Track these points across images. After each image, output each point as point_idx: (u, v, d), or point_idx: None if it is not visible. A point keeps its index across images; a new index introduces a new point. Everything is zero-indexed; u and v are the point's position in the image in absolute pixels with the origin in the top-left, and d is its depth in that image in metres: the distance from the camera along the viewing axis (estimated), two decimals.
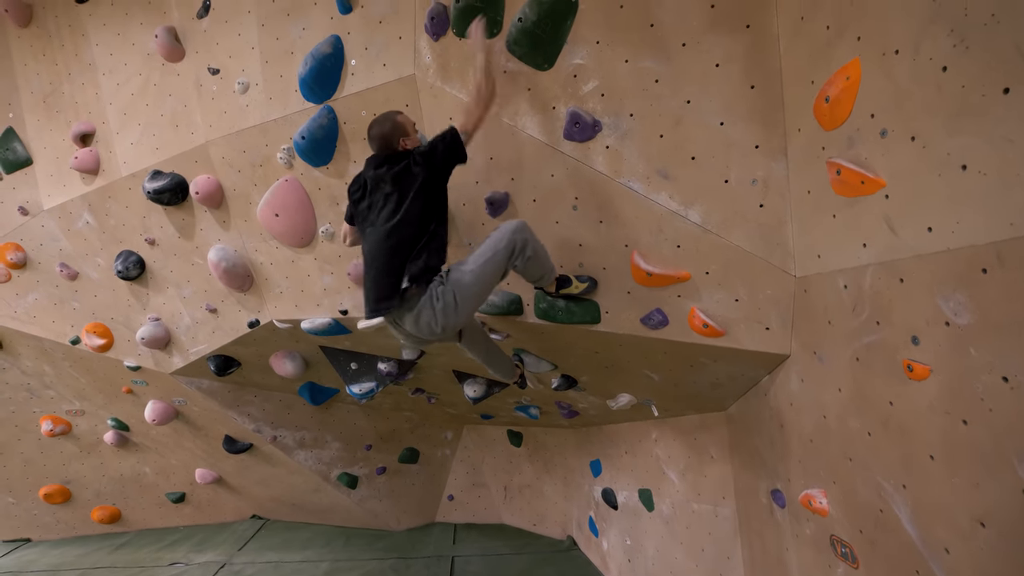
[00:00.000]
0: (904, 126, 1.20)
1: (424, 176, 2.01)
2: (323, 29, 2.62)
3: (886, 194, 1.28)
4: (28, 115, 3.51)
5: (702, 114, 1.89)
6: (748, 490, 2.37)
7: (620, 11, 1.98)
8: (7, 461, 4.30)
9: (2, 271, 3.67)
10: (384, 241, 2.00)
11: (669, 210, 1.98)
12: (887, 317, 1.32)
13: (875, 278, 1.35)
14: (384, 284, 1.98)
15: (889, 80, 1.23)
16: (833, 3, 1.42)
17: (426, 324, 1.98)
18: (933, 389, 1.19)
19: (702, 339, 2.04)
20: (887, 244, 1.29)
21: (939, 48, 1.07)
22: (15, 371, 4.04)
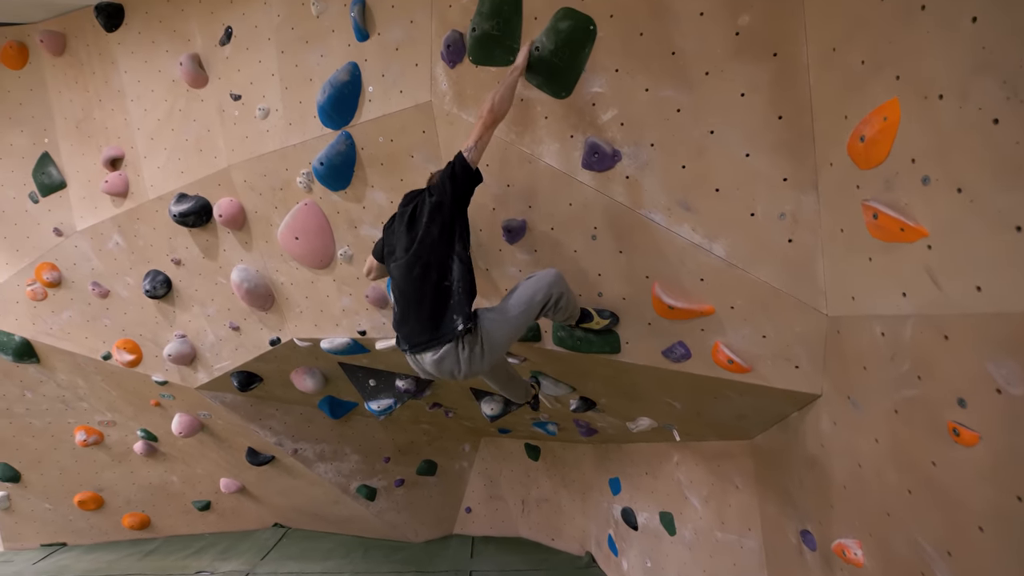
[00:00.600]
0: (949, 176, 1.13)
1: (437, 199, 1.96)
2: (340, 56, 2.64)
3: (928, 244, 1.21)
4: (62, 141, 3.63)
5: (726, 145, 1.83)
6: (776, 525, 2.29)
7: (640, 39, 1.93)
8: (44, 469, 4.48)
9: (39, 290, 3.81)
10: (409, 272, 1.95)
11: (692, 243, 1.92)
12: (930, 373, 1.24)
13: (916, 331, 1.27)
14: (418, 321, 1.93)
15: (932, 125, 1.16)
16: (868, 38, 1.34)
17: (448, 370, 1.94)
18: (983, 457, 1.11)
19: (727, 374, 1.98)
20: (930, 297, 1.22)
21: (989, 98, 1.00)
22: (51, 384, 4.20)
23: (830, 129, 1.58)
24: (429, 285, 1.90)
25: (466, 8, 2.26)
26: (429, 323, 1.90)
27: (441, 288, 1.89)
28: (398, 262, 2.01)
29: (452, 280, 1.90)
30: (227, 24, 3.00)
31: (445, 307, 1.89)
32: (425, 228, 1.93)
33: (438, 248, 1.91)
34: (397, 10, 2.45)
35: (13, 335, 3.96)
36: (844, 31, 1.45)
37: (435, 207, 1.94)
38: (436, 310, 1.89)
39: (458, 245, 1.95)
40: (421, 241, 1.92)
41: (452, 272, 1.91)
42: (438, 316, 1.89)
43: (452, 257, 1.92)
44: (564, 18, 2.03)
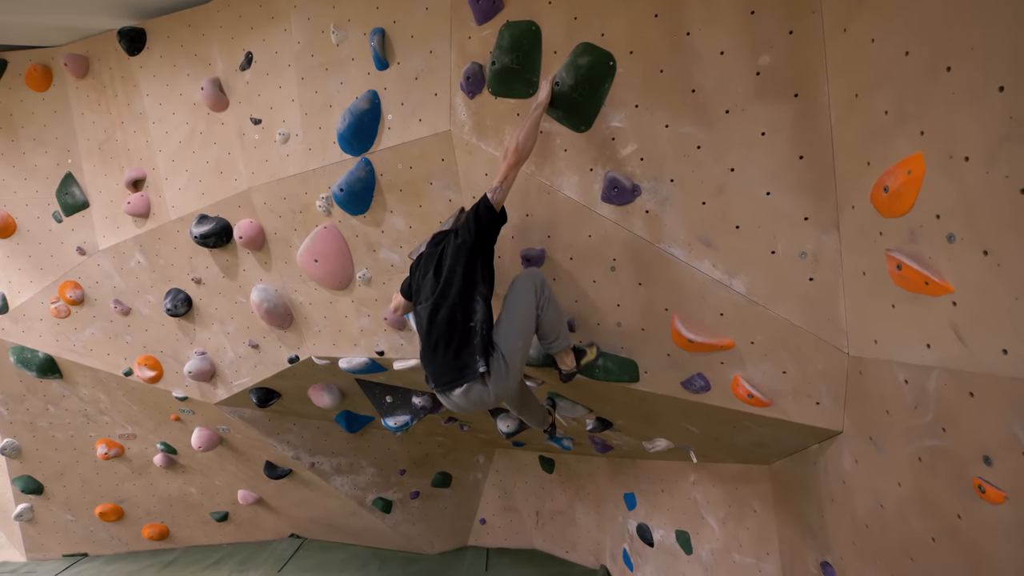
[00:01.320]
0: (975, 237, 1.14)
1: (462, 240, 2.01)
2: (360, 84, 2.68)
3: (953, 300, 1.22)
4: (85, 161, 3.70)
5: (747, 183, 1.85)
6: (795, 553, 2.31)
7: (660, 76, 1.95)
8: (67, 482, 4.57)
9: (62, 307, 3.90)
10: (434, 314, 1.99)
11: (712, 278, 1.94)
12: (955, 427, 1.26)
13: (940, 383, 1.29)
14: (443, 361, 1.97)
15: (957, 185, 1.17)
16: (893, 90, 1.36)
17: (477, 399, 1.98)
18: (1010, 517, 1.13)
19: (747, 407, 2.00)
20: (954, 352, 1.23)
21: (1017, 168, 1.01)
22: (73, 398, 4.29)
23: (852, 172, 1.60)
24: (454, 328, 1.94)
25: (485, 40, 2.30)
26: (454, 363, 1.94)
27: (465, 330, 1.94)
28: (424, 304, 2.05)
29: (476, 321, 1.94)
30: (247, 50, 3.06)
31: (469, 348, 1.93)
32: (449, 270, 1.97)
33: (463, 291, 1.95)
34: (416, 40, 2.49)
35: (37, 351, 4.05)
36: (867, 79, 1.47)
37: (459, 248, 1.99)
38: (460, 351, 1.93)
39: (482, 286, 1.99)
40: (447, 283, 1.96)
41: (476, 314, 1.95)
42: (462, 357, 1.93)
43: (475, 298, 1.96)
44: (584, 53, 2.06)
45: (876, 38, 1.40)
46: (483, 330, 1.94)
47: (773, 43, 1.74)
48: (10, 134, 3.76)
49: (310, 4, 2.78)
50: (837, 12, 1.57)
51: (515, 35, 2.19)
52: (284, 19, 2.89)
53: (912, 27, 1.27)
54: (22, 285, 3.95)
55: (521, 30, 2.18)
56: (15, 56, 3.66)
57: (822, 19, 1.64)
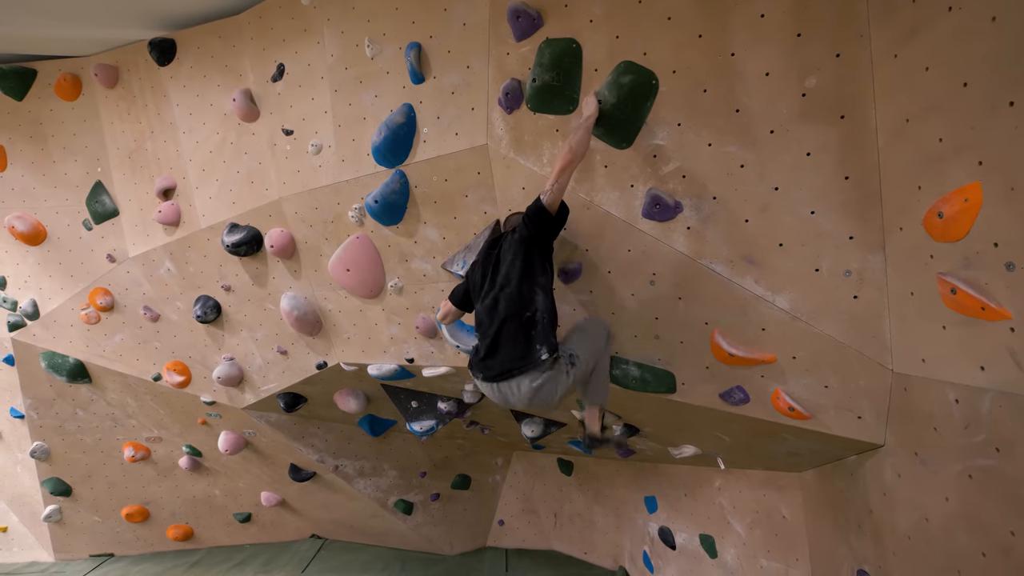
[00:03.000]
0: None
1: (518, 236, 2.03)
2: (395, 97, 2.71)
3: (1012, 327, 1.26)
4: (115, 170, 3.75)
5: (791, 202, 1.88)
6: (828, 560, 2.36)
7: (703, 95, 1.98)
8: (94, 484, 4.64)
9: (92, 314, 3.95)
10: (494, 307, 2.01)
11: (755, 294, 1.99)
12: (1010, 449, 1.31)
13: (995, 406, 1.33)
14: (505, 352, 1.97)
15: (1018, 216, 1.21)
16: (947, 119, 1.39)
17: (546, 396, 2.00)
18: None
19: (787, 420, 2.04)
20: (1011, 377, 1.28)
21: None
22: (101, 403, 4.35)
23: (901, 195, 1.64)
24: (514, 318, 1.95)
25: (524, 57, 2.33)
26: (515, 352, 1.96)
27: (524, 319, 1.95)
28: (484, 301, 2.07)
29: (536, 310, 1.96)
30: (279, 61, 3.09)
31: (530, 337, 1.95)
32: (508, 264, 2.01)
33: (522, 281, 1.97)
34: (453, 55, 2.52)
35: (67, 357, 4.11)
36: (919, 106, 1.50)
37: (516, 243, 2.03)
38: (522, 341, 1.95)
39: (542, 278, 2.00)
40: (506, 276, 2.00)
41: (535, 303, 1.96)
42: (524, 346, 1.95)
43: (535, 289, 1.97)
44: (626, 72, 2.09)
45: (931, 67, 1.44)
46: (545, 319, 1.96)
47: (820, 65, 1.77)
48: (40, 143, 3.80)
49: (344, 18, 2.81)
50: (887, 38, 1.60)
51: (556, 53, 2.22)
52: (317, 32, 2.92)
53: (971, 60, 1.30)
54: (52, 292, 4.00)
55: (562, 48, 2.21)
56: (44, 66, 3.69)
57: (870, 44, 1.67)
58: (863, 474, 2.01)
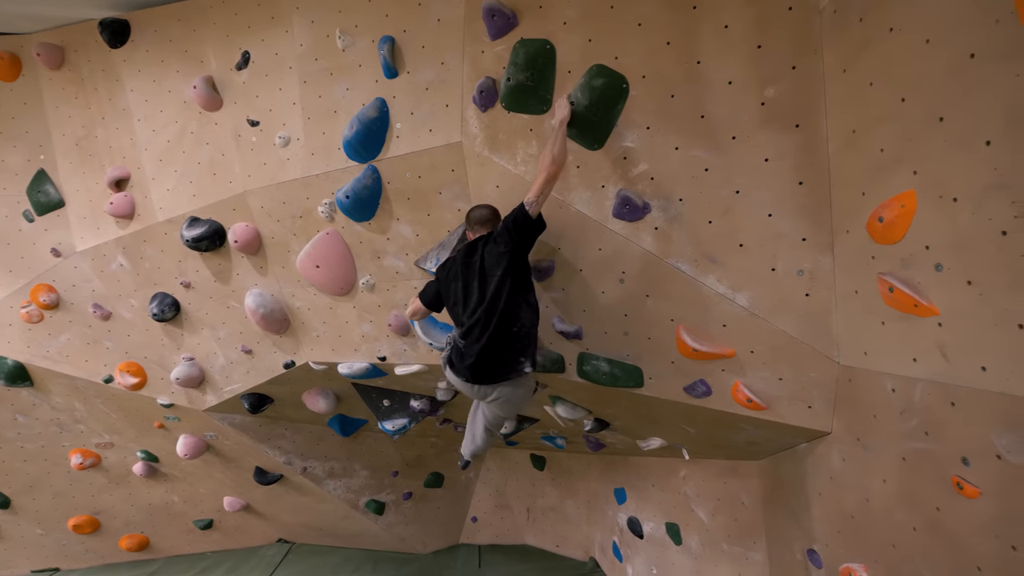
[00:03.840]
0: (961, 269, 1.31)
1: (505, 249, 2.06)
2: (367, 91, 2.68)
3: (939, 322, 1.40)
4: (60, 158, 3.52)
5: (751, 205, 2.00)
6: (782, 542, 2.52)
7: (672, 100, 2.07)
8: (37, 494, 4.36)
9: (34, 312, 3.70)
10: (485, 323, 2.06)
11: (717, 293, 2.09)
12: (938, 432, 1.45)
13: (926, 394, 1.47)
14: (487, 362, 2.09)
15: (946, 221, 1.34)
16: (889, 131, 1.52)
17: (518, 400, 2.18)
18: (983, 510, 1.32)
19: (745, 411, 2.17)
20: (939, 367, 1.42)
21: (1000, 213, 1.18)
22: (45, 407, 4.09)
23: (847, 201, 1.77)
24: (503, 333, 2.04)
25: (499, 56, 2.36)
26: (501, 364, 2.08)
27: (511, 334, 2.05)
28: (472, 314, 2.10)
29: (521, 325, 2.06)
30: (244, 49, 2.99)
31: (514, 350, 2.06)
32: (499, 281, 2.04)
33: (511, 298, 2.04)
34: (428, 51, 2.52)
35: (5, 358, 3.84)
36: (865, 118, 1.63)
37: (501, 256, 2.05)
38: (508, 353, 2.06)
39: (528, 293, 2.09)
40: (496, 293, 2.03)
41: (522, 318, 2.05)
42: (510, 359, 2.07)
43: (522, 305, 2.06)
44: (598, 75, 2.15)
45: (875, 83, 1.56)
46: (530, 334, 2.07)
47: (778, 77, 1.89)
48: None
49: (315, 7, 2.74)
50: (837, 54, 1.73)
51: (530, 53, 2.26)
52: (285, 20, 2.84)
53: (908, 78, 1.43)
54: None
55: (536, 48, 2.25)
56: None
57: (823, 59, 1.79)
58: (813, 460, 2.16)
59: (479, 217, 2.26)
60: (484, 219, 2.25)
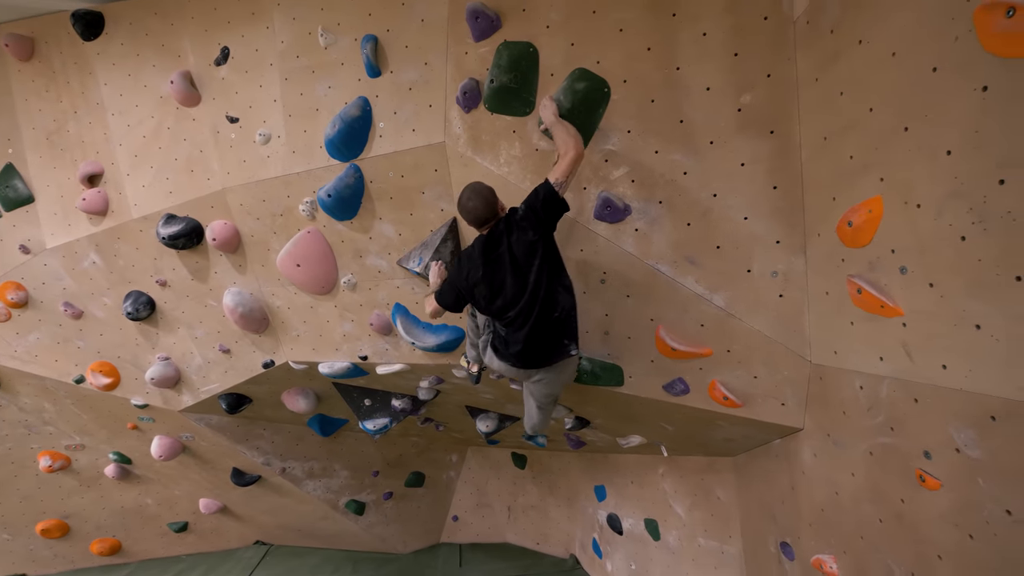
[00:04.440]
0: (923, 271, 1.38)
1: (539, 240, 1.97)
2: (350, 90, 2.66)
3: (904, 323, 1.46)
4: (30, 152, 3.41)
5: (728, 208, 2.05)
6: (756, 535, 2.59)
7: (652, 105, 2.11)
8: (3, 498, 4.22)
9: (2, 310, 3.58)
10: (527, 316, 2.01)
11: (695, 293, 2.14)
12: (901, 427, 1.51)
13: (891, 390, 1.53)
14: (543, 349, 2.09)
15: (910, 226, 1.40)
16: (858, 139, 1.58)
17: (566, 379, 2.23)
18: (943, 501, 1.38)
19: (721, 408, 2.22)
20: (903, 365, 1.48)
21: (960, 219, 1.24)
22: (12, 408, 3.96)
23: (819, 205, 1.83)
24: (546, 320, 2.02)
25: (482, 57, 2.37)
26: (548, 349, 2.09)
27: (554, 319, 2.03)
28: (511, 306, 2.03)
29: (562, 309, 2.03)
30: (223, 44, 2.94)
31: (558, 335, 2.06)
32: (538, 271, 1.97)
33: (549, 286, 1.99)
34: (411, 51, 2.51)
35: None
36: (836, 126, 1.69)
37: (535, 246, 1.97)
38: (552, 339, 2.06)
39: (563, 276, 2.05)
40: (536, 284, 1.97)
41: (561, 303, 2.02)
42: (557, 343, 2.07)
43: (558, 289, 2.02)
44: (580, 79, 2.18)
45: (845, 92, 1.62)
46: (571, 316, 2.06)
47: (753, 84, 1.94)
48: None
49: (296, 4, 2.72)
50: (810, 63, 1.79)
51: (514, 55, 2.27)
52: (266, 16, 2.80)
53: (876, 88, 1.49)
54: None
55: (520, 51, 2.27)
56: None
57: (796, 67, 1.85)
58: (786, 456, 2.22)
59: (477, 216, 2.06)
60: (483, 218, 2.06)
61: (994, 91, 1.12)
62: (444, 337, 2.90)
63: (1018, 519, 1.16)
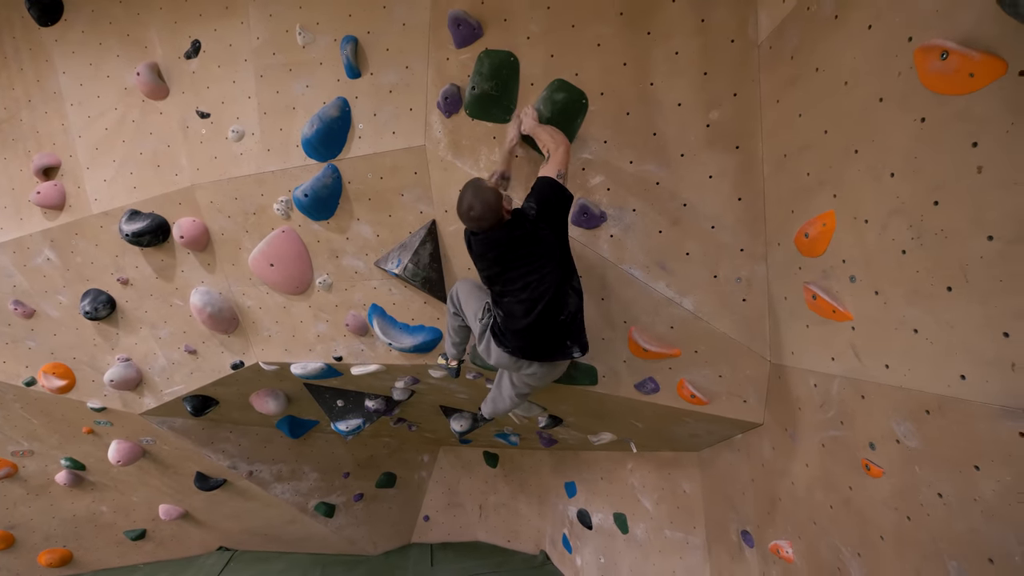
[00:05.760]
0: (870, 280, 1.52)
1: (551, 237, 1.96)
2: (328, 90, 2.65)
3: (852, 326, 1.61)
4: None
5: (697, 217, 2.17)
6: (719, 525, 2.74)
7: (627, 117, 2.21)
8: None
9: None
10: (530, 309, 1.99)
11: (666, 297, 2.26)
12: (850, 421, 1.66)
13: (841, 388, 1.68)
14: (544, 346, 2.08)
15: (859, 240, 1.55)
16: (814, 158, 1.72)
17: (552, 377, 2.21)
18: (885, 487, 1.53)
19: (689, 406, 2.35)
20: (852, 365, 1.63)
21: (901, 235, 1.39)
22: None
23: (779, 216, 1.97)
24: (550, 320, 2.00)
25: (463, 64, 2.41)
26: (550, 347, 2.08)
27: (557, 323, 2.02)
28: (517, 298, 2.00)
29: (568, 312, 2.02)
30: (194, 37, 2.86)
31: (560, 335, 2.05)
32: (551, 275, 1.95)
33: (559, 288, 1.98)
34: (392, 54, 2.53)
35: None
36: (794, 145, 1.83)
37: (551, 248, 1.96)
38: (553, 338, 2.05)
39: (573, 278, 2.06)
40: (546, 287, 1.95)
41: (569, 305, 2.02)
42: (559, 343, 2.07)
43: (569, 292, 2.03)
44: (559, 89, 2.26)
45: (803, 114, 1.76)
46: (576, 319, 2.06)
47: (721, 101, 2.07)
48: None
49: (272, 1, 2.68)
50: (772, 85, 1.92)
51: (495, 64, 2.33)
52: (241, 12, 2.75)
53: (830, 112, 1.63)
54: None
55: (501, 60, 2.32)
56: None
57: (760, 88, 1.99)
58: (747, 449, 2.38)
59: (481, 226, 1.99)
60: (487, 226, 1.99)
61: (930, 122, 1.26)
62: (422, 338, 2.92)
63: (948, 501, 1.31)
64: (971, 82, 1.12)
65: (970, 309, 1.20)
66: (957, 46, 1.14)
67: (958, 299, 1.23)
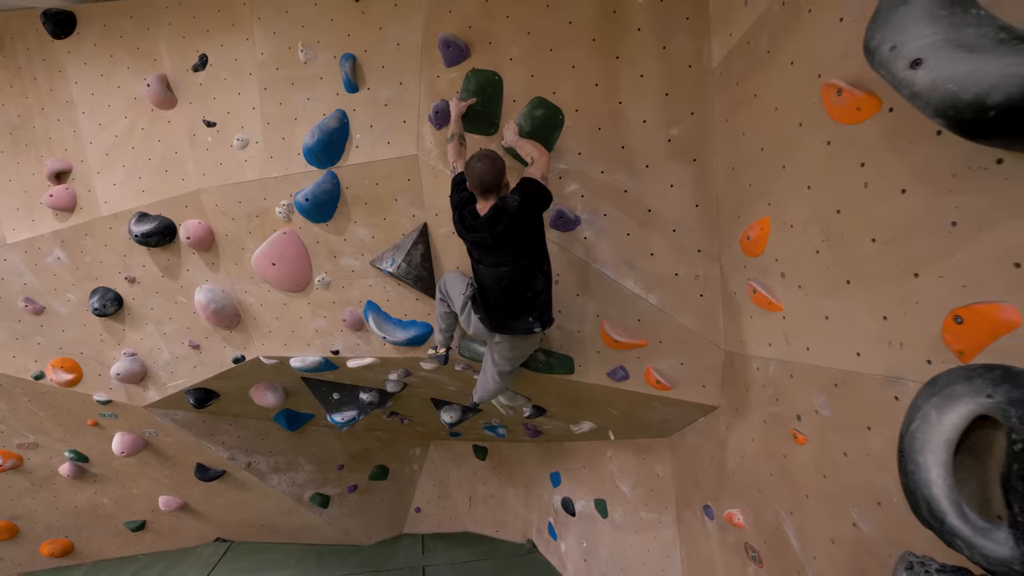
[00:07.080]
0: (795, 277, 1.79)
1: (528, 228, 2.19)
2: (328, 102, 2.88)
3: (783, 316, 1.88)
4: None
5: (660, 222, 2.44)
6: (686, 503, 3.00)
7: (599, 132, 2.47)
8: None
9: None
10: (499, 281, 2.29)
11: (634, 293, 2.52)
12: (783, 398, 1.93)
13: (776, 370, 1.95)
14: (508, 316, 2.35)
15: (786, 241, 1.82)
16: (754, 171, 1.99)
17: (523, 352, 2.49)
18: (808, 453, 1.80)
19: (655, 391, 2.61)
20: (784, 349, 1.89)
21: (815, 237, 1.66)
22: None
23: (729, 221, 2.24)
24: (516, 296, 2.28)
25: (452, 81, 2.66)
26: (512, 319, 2.35)
27: (525, 298, 2.29)
28: (488, 268, 2.30)
29: (534, 291, 2.29)
30: (202, 52, 3.08)
31: (526, 311, 2.32)
32: (526, 264, 2.23)
33: (528, 271, 2.25)
34: (387, 71, 2.77)
35: None
36: (740, 159, 2.10)
37: (527, 240, 2.21)
38: (519, 311, 2.32)
39: (544, 263, 2.31)
40: (515, 271, 2.24)
41: (535, 286, 2.29)
42: (520, 316, 2.33)
43: (537, 275, 2.28)
44: (539, 106, 2.52)
45: (746, 133, 2.04)
46: (540, 299, 2.32)
47: (680, 119, 2.34)
48: None
49: (277, 19, 2.91)
50: (723, 106, 2.20)
51: (481, 82, 2.58)
52: (246, 29, 2.98)
53: (766, 133, 1.90)
54: None
55: (486, 78, 2.58)
56: None
57: (713, 109, 2.26)
58: (707, 431, 2.64)
59: (490, 183, 2.19)
60: (488, 184, 2.19)
61: (834, 145, 1.53)
62: (414, 332, 3.15)
63: (851, 458, 1.58)
64: (859, 114, 1.39)
65: (862, 298, 1.46)
66: (847, 85, 1.41)
67: (854, 290, 1.50)
